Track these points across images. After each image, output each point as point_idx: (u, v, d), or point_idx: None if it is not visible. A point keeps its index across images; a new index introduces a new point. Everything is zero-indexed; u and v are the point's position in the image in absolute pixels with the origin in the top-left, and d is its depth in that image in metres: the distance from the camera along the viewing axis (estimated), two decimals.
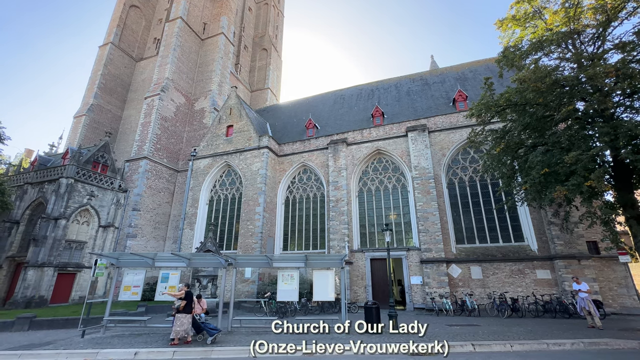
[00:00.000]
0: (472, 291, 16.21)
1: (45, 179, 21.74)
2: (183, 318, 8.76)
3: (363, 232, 20.36)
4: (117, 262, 11.53)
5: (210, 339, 8.85)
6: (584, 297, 11.03)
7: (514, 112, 12.12)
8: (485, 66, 24.64)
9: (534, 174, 10.54)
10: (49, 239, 19.17)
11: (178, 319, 8.75)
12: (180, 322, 8.72)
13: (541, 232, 16.46)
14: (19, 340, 10.13)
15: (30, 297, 17.90)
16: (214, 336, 8.92)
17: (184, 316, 8.79)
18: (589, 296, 11.09)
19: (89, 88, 32.36)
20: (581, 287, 11.21)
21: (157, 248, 25.44)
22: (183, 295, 8.95)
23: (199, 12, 35.01)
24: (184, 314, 8.81)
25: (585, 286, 11.29)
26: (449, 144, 19.80)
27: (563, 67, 11.51)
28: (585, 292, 11.09)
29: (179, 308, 8.82)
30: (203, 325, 9.18)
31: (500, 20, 13.02)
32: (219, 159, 24.68)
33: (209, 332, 9.01)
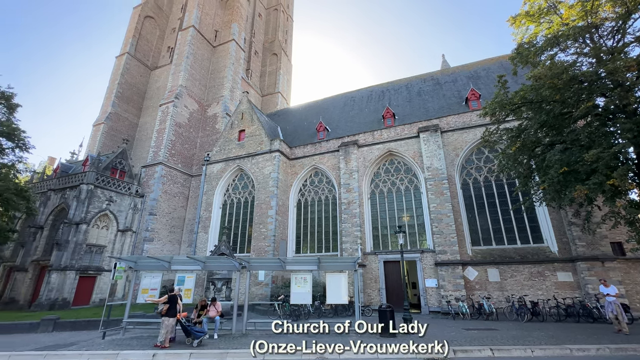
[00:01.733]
0: (490, 294, 15.79)
1: (67, 186, 22.61)
2: (166, 321, 8.90)
3: (376, 235, 20.20)
4: (135, 266, 11.85)
5: (196, 342, 8.98)
6: (611, 300, 10.57)
7: (529, 110, 11.80)
8: (498, 64, 24.14)
9: (552, 173, 10.22)
10: (71, 243, 19.89)
11: (163, 323, 8.91)
12: (162, 325, 8.89)
13: (561, 233, 15.90)
14: (44, 341, 10.52)
15: (54, 299, 18.58)
16: (200, 339, 9.06)
17: (167, 320, 8.91)
18: (616, 300, 10.62)
19: (107, 97, 33.54)
20: (609, 291, 10.75)
21: (172, 251, 25.98)
22: (165, 300, 9.09)
23: (211, 20, 35.80)
24: (167, 317, 8.92)
25: (614, 289, 10.81)
26: (462, 143, 19.45)
27: (581, 63, 11.15)
28: (614, 296, 10.63)
29: (162, 312, 8.95)
30: (189, 329, 9.29)
31: (513, 17, 12.74)
32: (231, 163, 25.05)
33: (195, 335, 9.14)
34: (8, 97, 16.24)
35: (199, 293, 19.70)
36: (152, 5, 38.21)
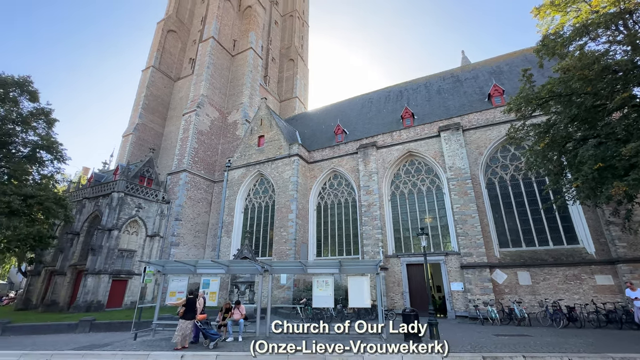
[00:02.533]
0: (521, 298, 15.02)
1: (99, 194, 23.96)
2: (182, 324, 9.08)
3: (397, 237, 19.84)
4: (163, 269, 12.32)
5: (212, 344, 9.13)
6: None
7: (558, 103, 11.18)
8: (522, 57, 23.16)
9: (586, 170, 9.61)
10: (104, 248, 21.01)
11: (179, 325, 9.11)
12: (179, 327, 9.08)
13: (598, 233, 14.90)
14: (82, 341, 11.15)
15: (89, 301, 19.67)
16: (215, 341, 9.20)
17: (184, 322, 9.09)
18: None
19: (134, 109, 35.35)
20: (637, 294, 9.91)
21: (197, 255, 26.79)
22: (183, 303, 9.31)
23: (229, 30, 36.92)
24: (184, 320, 9.10)
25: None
26: (485, 141, 18.77)
27: (614, 51, 10.45)
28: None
29: (179, 314, 9.17)
30: (204, 331, 9.48)
31: (537, 8, 12.18)
32: (252, 168, 25.55)
33: (210, 337, 9.29)
34: (47, 112, 17.47)
35: (223, 296, 20.14)
36: (174, 20, 39.96)
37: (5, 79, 15.77)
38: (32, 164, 17.34)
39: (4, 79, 15.71)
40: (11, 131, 15.96)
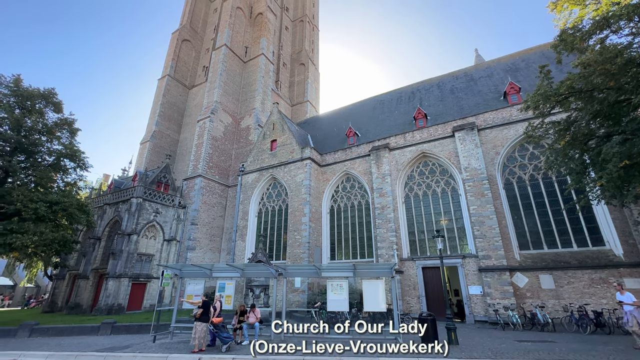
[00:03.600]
0: (544, 303, 14.45)
1: (119, 200, 24.75)
2: (198, 326, 9.16)
3: (412, 240, 19.52)
4: (180, 273, 12.57)
5: (224, 347, 9.17)
6: (629, 310, 9.14)
7: (578, 100, 10.76)
8: (539, 54, 22.50)
9: (611, 168, 9.17)
10: (124, 252, 21.64)
11: (195, 328, 9.19)
12: (195, 330, 9.17)
13: (626, 234, 14.18)
14: (104, 343, 11.48)
15: (111, 304, 20.26)
16: (227, 344, 9.23)
17: (199, 324, 9.17)
18: (635, 309, 9.16)
19: (151, 117, 36.44)
20: (624, 299, 9.33)
21: (213, 259, 27.19)
22: (199, 304, 9.40)
23: (241, 38, 37.62)
24: (200, 322, 9.18)
25: (631, 297, 9.36)
26: (502, 140, 18.28)
27: (638, 44, 10.00)
28: (631, 305, 9.21)
29: (196, 316, 9.24)
30: (217, 335, 9.53)
31: (553, 2, 11.80)
32: (265, 172, 25.80)
33: (222, 340, 9.33)
34: (70, 122, 18.25)
35: (239, 300, 20.33)
36: (188, 30, 41.11)
37: (32, 91, 16.59)
38: (56, 171, 18.10)
39: (31, 91, 16.53)
40: (37, 141, 16.74)
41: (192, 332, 9.29)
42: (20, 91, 16.24)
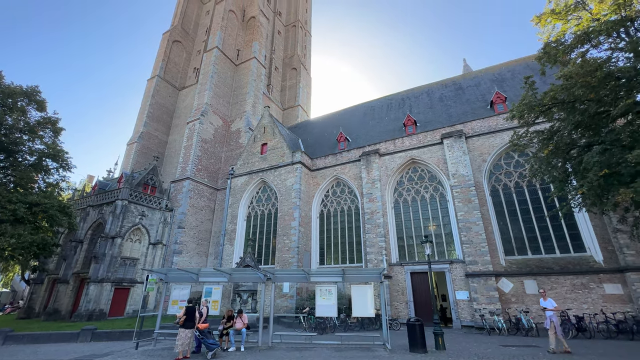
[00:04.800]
0: (528, 308, 14.74)
1: (103, 202, 24.08)
2: (182, 333, 8.99)
3: (401, 245, 19.66)
4: (166, 278, 12.26)
5: (210, 354, 9.01)
6: (549, 315, 9.60)
7: (561, 110, 11.16)
8: (524, 65, 23.26)
9: (591, 176, 9.51)
10: (107, 256, 20.99)
11: (179, 334, 9.01)
12: (179, 336, 9.00)
13: (606, 241, 14.67)
14: (83, 350, 11.05)
15: (91, 310, 19.56)
16: (213, 351, 9.08)
17: (183, 331, 9.00)
18: (554, 315, 9.60)
19: (139, 117, 35.76)
20: (546, 304, 9.81)
21: (200, 263, 26.67)
22: (183, 312, 9.21)
23: (233, 41, 37.52)
24: (184, 329, 9.01)
25: (552, 303, 9.84)
26: (489, 148, 18.72)
27: (616, 58, 10.45)
28: (552, 310, 9.66)
29: (179, 323, 9.06)
30: (202, 341, 9.37)
31: (537, 16, 12.27)
32: (254, 176, 25.61)
33: (208, 347, 9.17)
34: (54, 121, 17.72)
35: (226, 305, 19.98)
36: (179, 31, 40.74)
37: (14, 88, 16.05)
38: (38, 172, 17.50)
39: (13, 89, 15.99)
40: (18, 140, 16.16)
41: (176, 339, 9.06)
42: (1, 88, 15.68)
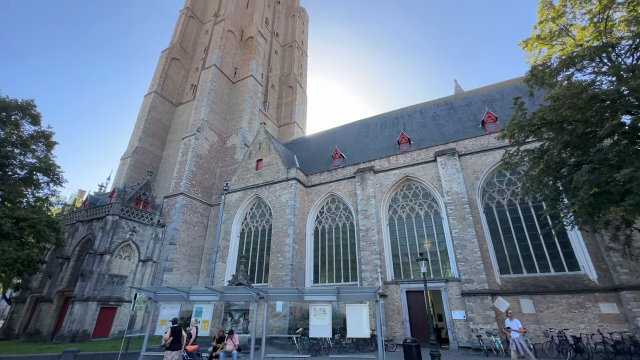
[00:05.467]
0: (525, 328, 14.49)
1: (93, 217, 23.56)
2: (168, 355, 8.64)
3: (396, 262, 19.46)
4: (155, 296, 11.86)
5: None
6: (516, 337, 9.58)
7: (550, 130, 11.49)
8: (512, 86, 24.08)
9: (582, 195, 9.67)
10: (95, 273, 20.31)
11: (165, 357, 8.66)
12: (165, 359, 8.64)
13: (599, 259, 14.73)
14: None
15: (75, 331, 18.70)
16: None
17: (170, 354, 8.66)
18: (520, 337, 9.57)
19: (134, 132, 35.71)
20: (512, 325, 9.79)
21: (191, 281, 25.94)
22: (169, 334, 8.90)
23: (231, 59, 38.34)
24: (170, 351, 8.67)
25: (517, 324, 9.83)
26: (481, 166, 19.02)
27: (600, 81, 10.91)
28: (517, 331, 9.64)
29: (166, 345, 8.73)
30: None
31: (524, 41, 12.86)
32: (249, 192, 25.47)
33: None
34: (47, 135, 17.61)
35: (216, 325, 19.30)
36: (177, 49, 41.54)
37: (9, 102, 16.03)
38: (27, 186, 17.19)
39: (7, 102, 15.96)
40: (9, 153, 15.97)
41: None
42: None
